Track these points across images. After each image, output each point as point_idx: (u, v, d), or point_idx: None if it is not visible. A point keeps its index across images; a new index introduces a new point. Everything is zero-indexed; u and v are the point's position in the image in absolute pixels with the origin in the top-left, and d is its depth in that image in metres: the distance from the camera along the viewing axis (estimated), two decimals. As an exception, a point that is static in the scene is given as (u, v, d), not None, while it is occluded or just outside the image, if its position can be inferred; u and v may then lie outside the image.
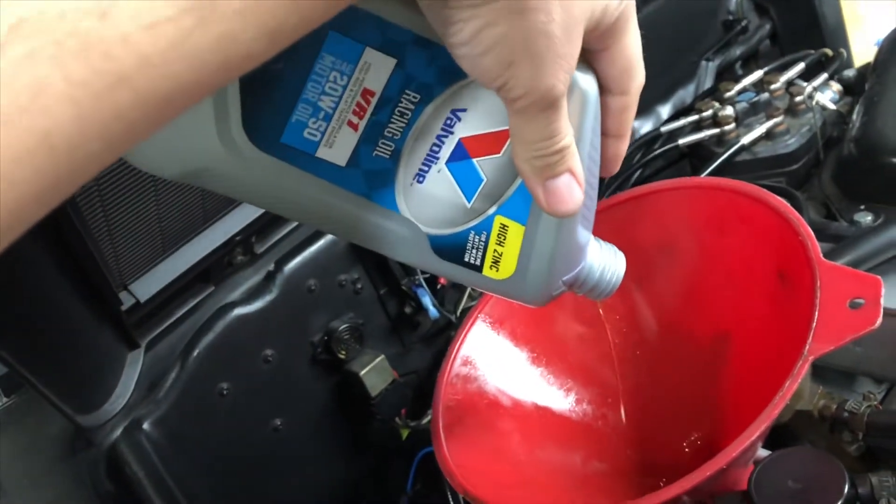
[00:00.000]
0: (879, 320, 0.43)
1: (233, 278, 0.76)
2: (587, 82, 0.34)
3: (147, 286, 0.67)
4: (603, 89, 0.36)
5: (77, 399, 0.63)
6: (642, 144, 0.95)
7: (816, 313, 0.46)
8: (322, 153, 0.34)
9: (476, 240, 0.38)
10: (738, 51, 1.12)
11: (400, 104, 0.34)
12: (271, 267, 0.76)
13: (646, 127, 1.00)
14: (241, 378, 0.73)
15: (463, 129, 0.35)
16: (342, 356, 0.78)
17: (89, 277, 0.58)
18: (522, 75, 0.29)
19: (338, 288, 0.79)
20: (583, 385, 0.64)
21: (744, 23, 1.14)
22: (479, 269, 0.39)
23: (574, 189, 0.34)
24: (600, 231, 0.63)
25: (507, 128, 0.34)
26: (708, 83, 1.06)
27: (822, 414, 0.64)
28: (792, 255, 0.51)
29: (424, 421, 0.82)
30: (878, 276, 0.45)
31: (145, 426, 0.67)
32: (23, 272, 0.54)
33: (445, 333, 0.88)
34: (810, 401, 0.65)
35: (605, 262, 0.43)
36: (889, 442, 0.61)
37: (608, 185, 0.92)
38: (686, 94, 1.05)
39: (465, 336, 0.63)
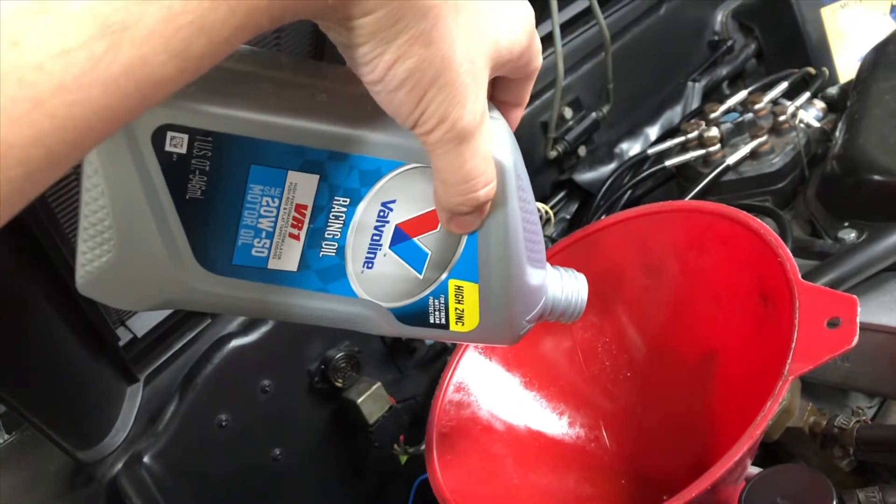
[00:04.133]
0: (856, 339, 0.44)
1: (229, 310, 0.77)
2: (502, 153, 0.36)
3: (144, 321, 0.68)
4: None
5: (76, 435, 0.64)
6: (631, 166, 0.96)
7: (795, 333, 0.46)
8: (273, 264, 0.37)
9: (436, 303, 0.41)
10: (724, 70, 1.14)
11: (333, 209, 0.37)
12: (267, 298, 0.77)
13: (634, 149, 1.01)
14: (239, 409, 0.74)
15: (397, 217, 0.38)
16: (339, 384, 0.79)
17: (86, 315, 0.59)
18: (433, 106, 0.30)
19: (333, 317, 0.80)
20: (575, 408, 0.65)
21: (729, 43, 1.16)
22: (445, 327, 0.41)
23: (476, 221, 0.37)
24: (587, 255, 0.64)
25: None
26: (695, 104, 1.08)
27: (813, 430, 0.65)
28: (772, 276, 0.52)
29: (423, 447, 0.83)
30: (854, 296, 0.46)
31: (145, 460, 0.68)
32: (19, 312, 0.55)
33: (442, 358, 0.89)
34: (800, 417, 0.66)
35: (567, 289, 0.45)
36: (880, 456, 0.62)
37: (598, 207, 0.93)
38: (674, 114, 1.06)
39: (457, 363, 0.64)
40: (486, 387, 0.64)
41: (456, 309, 0.41)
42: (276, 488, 0.78)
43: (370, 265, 0.38)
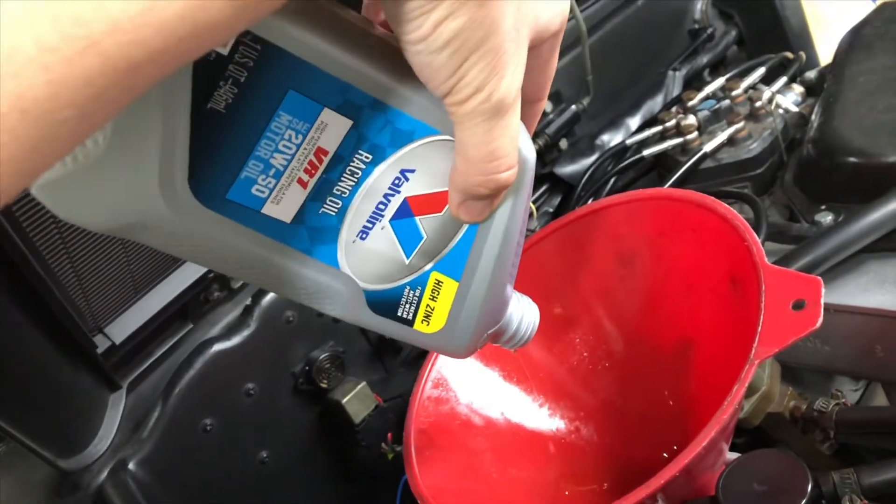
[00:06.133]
0: (820, 320, 0.44)
1: (211, 314, 0.77)
2: (526, 147, 0.35)
3: (123, 328, 0.68)
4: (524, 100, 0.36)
5: (59, 444, 0.64)
6: (612, 155, 0.96)
7: (762, 317, 0.46)
8: (268, 210, 0.34)
9: (411, 294, 0.38)
10: (704, 58, 1.13)
11: (351, 164, 0.34)
12: (248, 301, 0.77)
13: (616, 140, 1.01)
14: (224, 413, 0.74)
15: (410, 189, 0.35)
16: (324, 385, 0.79)
17: (60, 324, 0.59)
18: (473, 72, 0.29)
19: (316, 317, 0.80)
20: (554, 400, 0.65)
21: (709, 30, 1.16)
22: (410, 323, 0.39)
23: (486, 210, 0.35)
24: (561, 246, 0.64)
25: None
26: (676, 93, 1.07)
27: (794, 415, 0.65)
28: (740, 261, 0.52)
29: (408, 444, 0.83)
30: (819, 277, 0.46)
31: (130, 466, 0.68)
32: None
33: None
34: (781, 402, 0.65)
35: (523, 314, 0.44)
36: (860, 438, 0.62)
37: (579, 198, 0.93)
38: (654, 104, 1.06)
39: (435, 359, 0.64)
40: (465, 382, 0.64)
41: (427, 306, 0.39)
42: (264, 491, 0.79)
43: (364, 236, 0.36)
